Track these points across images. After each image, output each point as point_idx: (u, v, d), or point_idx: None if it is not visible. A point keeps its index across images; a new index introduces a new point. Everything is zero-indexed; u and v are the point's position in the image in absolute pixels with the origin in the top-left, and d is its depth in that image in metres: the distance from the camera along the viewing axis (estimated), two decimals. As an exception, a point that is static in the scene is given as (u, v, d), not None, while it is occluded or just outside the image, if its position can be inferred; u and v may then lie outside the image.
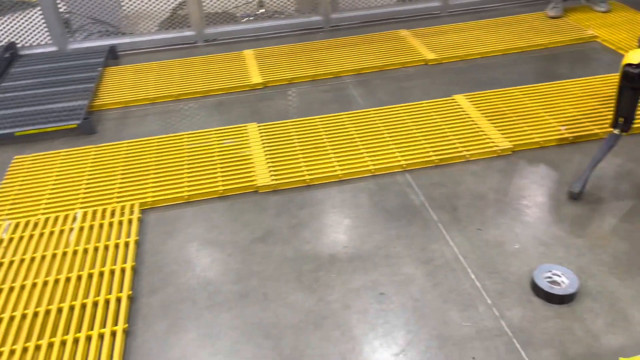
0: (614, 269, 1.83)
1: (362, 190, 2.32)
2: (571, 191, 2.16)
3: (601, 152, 2.14)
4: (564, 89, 2.95)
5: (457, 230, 2.07)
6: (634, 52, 1.94)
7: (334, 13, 4.07)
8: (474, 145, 2.53)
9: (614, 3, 4.07)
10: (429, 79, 3.24)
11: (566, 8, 3.99)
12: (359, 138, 2.64)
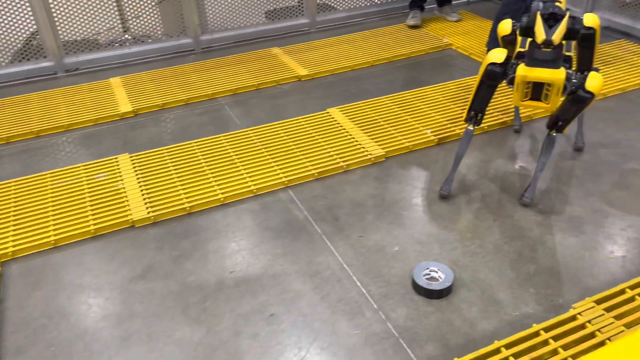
0: (483, 258, 1.98)
1: (245, 212, 2.29)
2: (441, 193, 2.30)
3: (461, 149, 2.31)
4: (427, 94, 3.17)
5: (340, 239, 2.11)
6: (497, 51, 2.07)
7: (204, 35, 4.02)
8: (350, 156, 2.61)
9: (464, 12, 4.47)
10: (303, 94, 3.31)
11: (423, 19, 4.31)
12: (239, 159, 2.62)
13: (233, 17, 4.10)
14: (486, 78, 2.10)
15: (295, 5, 4.28)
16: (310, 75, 3.51)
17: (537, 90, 1.99)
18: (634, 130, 2.72)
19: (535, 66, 1.92)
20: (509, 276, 1.89)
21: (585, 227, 2.10)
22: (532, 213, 2.19)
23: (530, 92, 2.01)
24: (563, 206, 2.22)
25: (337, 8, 4.42)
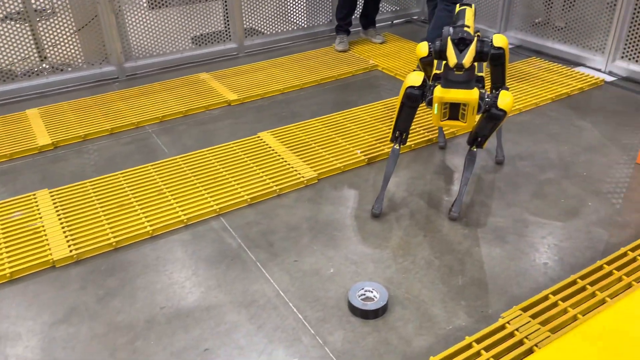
0: (416, 274, 2.02)
1: (176, 243, 2.22)
2: (373, 212, 2.34)
3: (389, 168, 2.37)
4: (355, 115, 3.23)
5: (275, 265, 2.09)
6: (414, 74, 2.16)
7: (127, 62, 3.91)
8: (283, 179, 2.60)
9: (388, 35, 4.62)
10: (234, 119, 3.28)
11: (349, 42, 4.42)
12: (168, 188, 2.54)
13: (158, 44, 4.02)
14: (406, 100, 2.18)
15: (222, 30, 4.27)
16: (239, 99, 3.49)
17: (454, 110, 2.08)
18: (548, 142, 2.89)
19: (451, 87, 2.02)
20: (441, 290, 1.94)
21: (508, 237, 2.19)
22: (459, 226, 2.26)
23: (448, 112, 2.10)
24: (487, 218, 2.31)
25: (265, 32, 4.45)
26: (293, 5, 4.55)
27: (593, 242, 2.15)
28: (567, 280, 1.91)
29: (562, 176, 2.59)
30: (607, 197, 2.42)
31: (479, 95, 2.00)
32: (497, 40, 2.32)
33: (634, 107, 3.24)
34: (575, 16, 3.92)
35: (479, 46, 2.05)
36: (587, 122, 3.09)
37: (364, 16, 4.48)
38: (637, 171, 2.61)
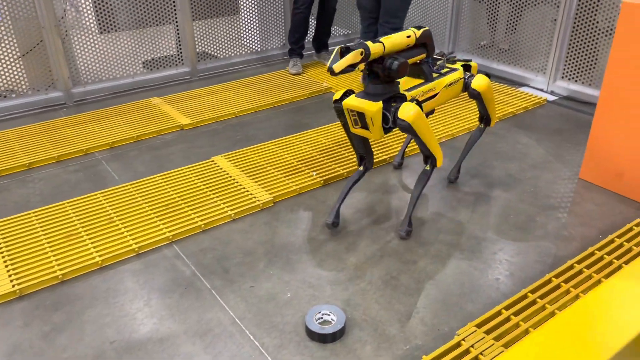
0: (373, 294, 2.02)
1: (127, 273, 2.15)
2: (326, 223, 2.37)
3: (347, 184, 2.40)
4: (311, 137, 3.25)
5: (231, 292, 2.04)
6: (339, 90, 2.24)
7: (75, 87, 3.81)
8: (237, 203, 2.57)
9: (340, 58, 4.70)
10: (187, 143, 3.23)
11: (302, 64, 4.46)
12: (118, 217, 2.47)
13: (108, 68, 3.94)
14: (337, 115, 2.29)
15: (175, 54, 4.23)
16: (193, 124, 3.45)
17: (362, 119, 2.18)
18: (496, 160, 2.99)
19: (363, 98, 2.15)
20: (398, 310, 1.94)
21: (462, 255, 2.23)
22: (415, 245, 2.29)
23: (359, 120, 2.20)
24: (441, 236, 2.35)
25: (218, 56, 4.45)
26: (246, 29, 4.57)
27: (542, 256, 2.22)
28: (519, 294, 1.95)
29: (510, 193, 2.67)
30: (553, 212, 2.51)
31: (377, 108, 2.09)
32: (476, 82, 2.46)
33: (575, 125, 3.40)
34: (518, 39, 4.10)
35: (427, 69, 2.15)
36: (532, 139, 3.21)
37: (316, 39, 4.54)
38: (580, 186, 2.73)
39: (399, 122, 2.11)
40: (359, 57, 2.00)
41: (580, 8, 3.59)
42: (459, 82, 2.44)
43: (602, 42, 3.57)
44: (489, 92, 2.48)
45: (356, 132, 2.25)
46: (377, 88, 2.15)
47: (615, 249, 2.19)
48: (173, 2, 4.04)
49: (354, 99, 2.17)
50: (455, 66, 2.50)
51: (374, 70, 2.14)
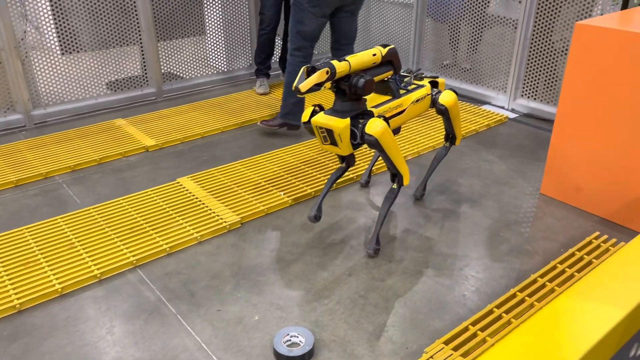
0: (342, 314, 2.01)
1: (88, 301, 2.08)
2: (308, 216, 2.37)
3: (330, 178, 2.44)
4: (278, 157, 3.24)
5: (197, 317, 2.00)
6: (306, 110, 2.28)
7: (36, 109, 3.72)
8: (204, 225, 2.54)
9: (307, 78, 4.74)
10: (152, 165, 3.18)
11: (270, 84, 4.48)
12: (80, 242, 2.40)
13: (70, 90, 3.87)
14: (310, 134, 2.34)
15: (140, 75, 4.19)
16: (158, 145, 3.41)
17: (331, 136, 2.21)
18: (461, 177, 3.04)
19: (330, 115, 2.18)
20: (366, 330, 1.94)
21: (429, 272, 2.25)
22: (382, 263, 2.30)
23: (328, 137, 2.22)
24: (410, 253, 2.36)
25: (184, 76, 4.42)
26: (212, 49, 4.57)
27: (506, 271, 2.25)
28: (485, 310, 1.98)
29: (475, 209, 2.72)
30: (517, 227, 2.57)
31: (345, 125, 2.13)
32: (443, 98, 2.51)
33: (535, 141, 3.50)
34: (479, 59, 4.23)
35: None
36: (495, 156, 3.29)
37: (282, 60, 4.57)
38: (541, 201, 2.80)
39: (366, 137, 2.14)
40: (325, 76, 2.03)
41: (537, 29, 3.73)
42: (426, 98, 2.49)
43: (559, 62, 3.71)
44: (455, 107, 2.54)
45: (326, 149, 2.28)
46: (344, 105, 2.18)
47: (576, 262, 2.25)
48: (137, 23, 4.01)
49: (323, 116, 2.20)
50: (423, 83, 2.55)
51: (341, 87, 2.17)
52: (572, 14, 3.53)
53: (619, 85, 2.41)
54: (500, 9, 3.98)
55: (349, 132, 2.15)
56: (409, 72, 2.57)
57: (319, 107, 2.27)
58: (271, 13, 4.14)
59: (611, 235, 2.48)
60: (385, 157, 2.22)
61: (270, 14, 4.14)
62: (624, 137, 2.45)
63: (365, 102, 2.24)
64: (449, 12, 4.29)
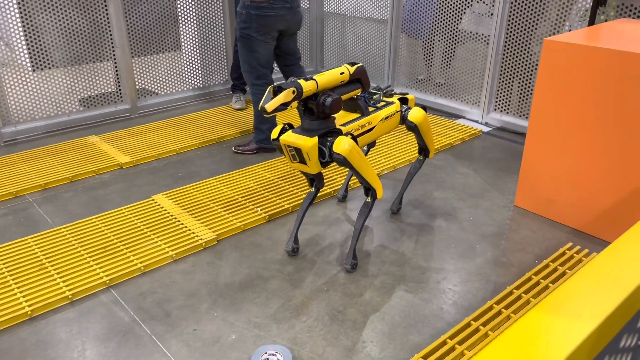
0: (320, 331, 1.99)
1: (59, 323, 2.02)
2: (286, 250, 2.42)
3: (301, 208, 2.42)
4: (255, 173, 3.23)
5: (172, 337, 1.96)
6: (276, 128, 2.28)
7: (6, 127, 3.64)
8: (179, 243, 2.50)
9: (284, 93, 4.75)
10: (126, 182, 3.13)
11: (247, 100, 4.47)
12: (50, 263, 2.33)
13: (41, 106, 3.80)
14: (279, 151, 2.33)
15: (114, 91, 4.14)
16: (132, 162, 3.36)
17: (299, 154, 2.21)
18: (436, 190, 3.07)
19: (299, 134, 2.19)
20: (345, 346, 1.92)
21: (406, 286, 2.25)
22: (360, 277, 2.29)
23: (297, 155, 2.23)
24: (387, 267, 2.37)
25: (159, 92, 4.39)
26: (187, 65, 4.55)
27: (483, 284, 2.27)
28: (462, 323, 1.98)
29: (451, 222, 2.74)
30: (492, 239, 2.59)
31: (313, 143, 2.14)
32: (412, 115, 2.55)
33: (509, 154, 3.56)
34: (453, 74, 4.30)
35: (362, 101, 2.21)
36: (469, 169, 3.33)
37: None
38: (515, 213, 2.84)
39: (334, 155, 2.15)
40: (291, 96, 2.04)
41: (508, 44, 3.82)
42: (395, 115, 2.52)
43: (531, 76, 3.80)
44: (425, 124, 2.57)
45: (295, 167, 2.28)
46: (312, 124, 2.19)
47: (550, 273, 2.28)
48: (111, 39, 3.98)
49: (291, 134, 2.20)
50: (392, 99, 2.58)
51: (309, 106, 2.18)
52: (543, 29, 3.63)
53: (586, 100, 2.48)
54: (472, 25, 4.07)
55: (317, 150, 2.16)
56: (378, 89, 2.60)
57: (288, 126, 2.28)
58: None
59: (584, 246, 2.53)
60: (356, 173, 2.23)
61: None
62: (593, 150, 2.51)
63: (333, 121, 2.25)
64: (422, 28, 4.37)
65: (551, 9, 3.53)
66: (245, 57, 3.27)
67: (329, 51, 5.20)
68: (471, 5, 4.02)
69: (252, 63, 3.28)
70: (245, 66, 3.31)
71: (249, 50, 3.24)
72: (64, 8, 3.71)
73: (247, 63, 3.29)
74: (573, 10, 3.50)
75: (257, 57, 3.27)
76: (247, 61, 3.28)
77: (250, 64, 3.29)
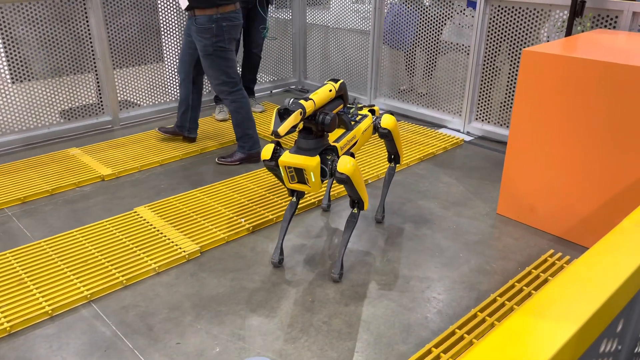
0: (305, 342, 1.98)
1: (39, 339, 1.98)
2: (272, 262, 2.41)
3: (284, 219, 2.41)
4: (239, 183, 3.22)
5: (155, 351, 1.93)
6: (265, 148, 2.27)
7: (-16, 139, 3.58)
8: (162, 256, 2.47)
9: (267, 103, 4.76)
10: (108, 195, 3.10)
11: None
12: (30, 278, 2.29)
13: (20, 119, 3.75)
14: (268, 170, 2.32)
15: (95, 102, 4.10)
16: (114, 174, 3.32)
17: (300, 175, 2.20)
18: (420, 199, 3.09)
19: (296, 153, 2.17)
20: (330, 357, 1.91)
21: (391, 295, 2.25)
22: (345, 288, 2.29)
23: (295, 175, 2.22)
24: (372, 276, 2.37)
25: (141, 104, 4.36)
26: (170, 76, 4.53)
27: (467, 292, 2.28)
28: (447, 331, 1.99)
29: (435, 231, 2.76)
30: (475, 247, 2.61)
31: (317, 162, 2.14)
32: (384, 121, 2.58)
33: (491, 163, 3.60)
34: (434, 84, 4.35)
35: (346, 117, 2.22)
36: (452, 178, 3.36)
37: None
38: (498, 221, 2.87)
39: (337, 175, 2.14)
40: (299, 118, 2.04)
41: (487, 55, 3.88)
42: (370, 126, 2.56)
43: (510, 86, 3.86)
44: (396, 129, 2.62)
45: (292, 187, 2.26)
46: (310, 143, 2.18)
47: (533, 280, 2.30)
48: (92, 51, 3.95)
49: (290, 155, 2.18)
50: (364, 112, 2.62)
51: (306, 126, 2.18)
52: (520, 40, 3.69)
53: (564, 109, 2.52)
54: (453, 36, 4.13)
55: (320, 170, 2.16)
56: (352, 103, 2.64)
57: (278, 145, 2.27)
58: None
59: (565, 253, 2.56)
60: (352, 189, 2.23)
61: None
62: (572, 159, 2.56)
63: (327, 138, 2.26)
64: (404, 39, 4.42)
65: (528, 20, 3.60)
66: (222, 70, 3.31)
67: (312, 62, 5.23)
68: (452, 17, 4.08)
69: (229, 73, 3.34)
70: (220, 79, 3.34)
71: (224, 61, 3.29)
72: (43, 19, 3.68)
73: (224, 75, 3.33)
74: (551, 21, 3.58)
75: (231, 66, 3.33)
76: (224, 73, 3.32)
77: (227, 75, 3.34)
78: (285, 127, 2.01)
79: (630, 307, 0.83)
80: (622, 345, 0.87)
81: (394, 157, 2.77)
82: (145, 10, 4.18)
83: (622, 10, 3.18)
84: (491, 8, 3.76)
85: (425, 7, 4.19)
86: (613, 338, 0.80)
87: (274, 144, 2.26)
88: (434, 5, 4.12)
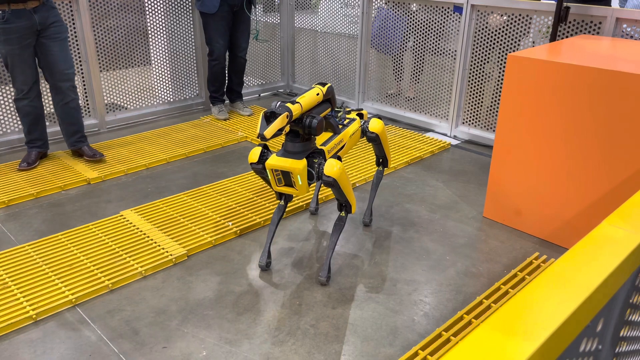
0: (292, 345, 1.98)
1: (22, 344, 1.95)
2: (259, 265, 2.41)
3: (272, 222, 2.41)
4: (226, 187, 3.21)
5: (141, 356, 1.92)
6: (253, 151, 2.27)
7: (-33, 142, 3.53)
8: (148, 259, 2.46)
9: (255, 107, 4.76)
10: (93, 198, 3.07)
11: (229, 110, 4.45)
12: (14, 282, 2.26)
13: (3, 122, 3.70)
14: (256, 173, 2.32)
15: (82, 105, 4.07)
16: (100, 177, 3.30)
17: (287, 178, 2.21)
18: (408, 202, 3.11)
19: (283, 156, 2.18)
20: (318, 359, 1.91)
21: (378, 298, 2.26)
22: (332, 291, 2.29)
23: (282, 178, 2.22)
24: (359, 279, 2.37)
25: (128, 107, 4.33)
26: (158, 79, 4.51)
27: (453, 294, 2.30)
28: (434, 334, 2.00)
29: (422, 234, 2.77)
30: (462, 250, 2.63)
31: (303, 165, 2.15)
32: (372, 125, 2.60)
33: (477, 166, 3.63)
34: (422, 88, 4.38)
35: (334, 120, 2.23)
36: (439, 182, 3.38)
37: (229, 90, 4.57)
38: (484, 224, 2.89)
39: (324, 178, 2.15)
40: (286, 121, 2.05)
41: (474, 60, 3.92)
42: (358, 129, 2.58)
43: (496, 90, 3.90)
44: (384, 132, 2.64)
45: (280, 190, 2.26)
46: (296, 146, 2.19)
47: (519, 283, 2.33)
48: (79, 53, 3.92)
49: (277, 158, 2.18)
50: (352, 116, 2.64)
51: (293, 129, 2.18)
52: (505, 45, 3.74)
53: (549, 114, 2.56)
54: (440, 41, 4.17)
55: (307, 173, 2.17)
56: (340, 107, 2.65)
57: (265, 148, 2.27)
58: (220, 44, 4.17)
59: (550, 255, 2.59)
60: (339, 193, 2.24)
61: (219, 45, 4.18)
62: (557, 163, 2.59)
63: (315, 141, 2.27)
64: (391, 43, 4.45)
65: (514, 26, 3.65)
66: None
67: (300, 66, 5.24)
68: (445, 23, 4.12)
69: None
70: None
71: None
72: (29, 21, 3.64)
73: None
74: (535, 27, 3.62)
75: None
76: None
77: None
78: (272, 130, 2.01)
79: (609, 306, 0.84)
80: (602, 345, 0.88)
81: (381, 161, 2.78)
82: (132, 12, 4.16)
83: (605, 16, 3.23)
84: (477, 13, 3.80)
85: (412, 11, 4.22)
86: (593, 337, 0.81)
87: (261, 147, 2.26)
88: (421, 10, 4.15)
